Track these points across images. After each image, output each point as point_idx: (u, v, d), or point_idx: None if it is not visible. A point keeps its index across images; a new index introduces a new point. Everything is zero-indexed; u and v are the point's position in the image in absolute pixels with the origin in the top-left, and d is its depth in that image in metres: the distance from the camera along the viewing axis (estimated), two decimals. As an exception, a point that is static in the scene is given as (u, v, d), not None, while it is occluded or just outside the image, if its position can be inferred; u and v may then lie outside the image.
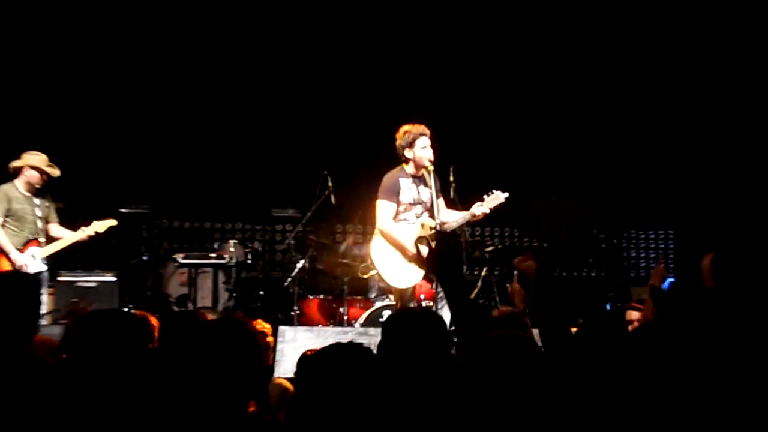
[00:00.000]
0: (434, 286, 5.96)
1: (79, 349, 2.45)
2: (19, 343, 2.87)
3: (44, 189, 6.65)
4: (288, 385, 3.82)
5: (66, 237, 6.69)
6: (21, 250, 6.47)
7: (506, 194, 5.77)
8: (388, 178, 5.81)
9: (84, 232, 6.66)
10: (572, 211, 6.53)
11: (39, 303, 3.15)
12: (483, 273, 7.39)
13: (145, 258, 8.19)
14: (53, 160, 6.60)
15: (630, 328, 5.12)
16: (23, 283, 3.20)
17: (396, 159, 5.79)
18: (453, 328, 3.09)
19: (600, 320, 3.05)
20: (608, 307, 7.32)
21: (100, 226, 6.73)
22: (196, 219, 9.17)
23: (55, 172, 6.63)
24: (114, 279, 7.63)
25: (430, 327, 2.65)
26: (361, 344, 2.19)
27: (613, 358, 2.47)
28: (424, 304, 6.53)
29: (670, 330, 2.46)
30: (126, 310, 6.75)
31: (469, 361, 2.52)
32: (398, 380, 2.31)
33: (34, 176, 6.53)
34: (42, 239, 6.60)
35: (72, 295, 7.28)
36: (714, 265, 3.29)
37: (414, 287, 5.87)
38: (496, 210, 5.82)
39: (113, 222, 6.87)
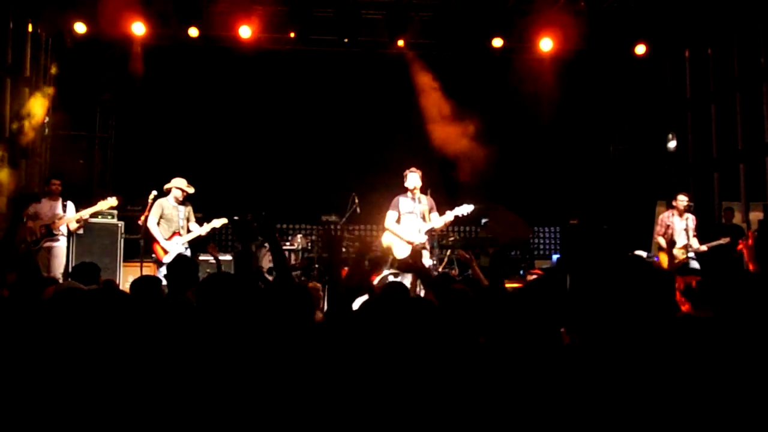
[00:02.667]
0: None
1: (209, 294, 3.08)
2: (183, 291, 4.45)
3: (188, 200, 8.84)
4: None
5: (197, 230, 8.78)
6: (168, 239, 8.58)
7: (472, 206, 8.43)
8: (395, 199, 8.58)
9: (208, 227, 8.77)
10: (516, 221, 10.08)
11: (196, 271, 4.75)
12: (448, 253, 9.95)
13: (248, 246, 11.44)
14: (192, 184, 8.85)
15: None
16: (187, 261, 5.14)
17: (402, 186, 8.65)
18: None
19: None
20: (521, 272, 10.43)
21: (216, 222, 8.85)
22: (278, 222, 12.13)
23: (191, 190, 8.74)
24: (230, 258, 10.10)
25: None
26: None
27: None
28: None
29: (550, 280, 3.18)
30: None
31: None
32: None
33: (178, 192, 8.69)
34: (183, 232, 8.69)
35: (206, 267, 9.31)
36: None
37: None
38: (464, 216, 8.55)
39: (225, 220, 8.94)
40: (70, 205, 9.01)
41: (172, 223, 8.73)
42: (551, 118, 12.47)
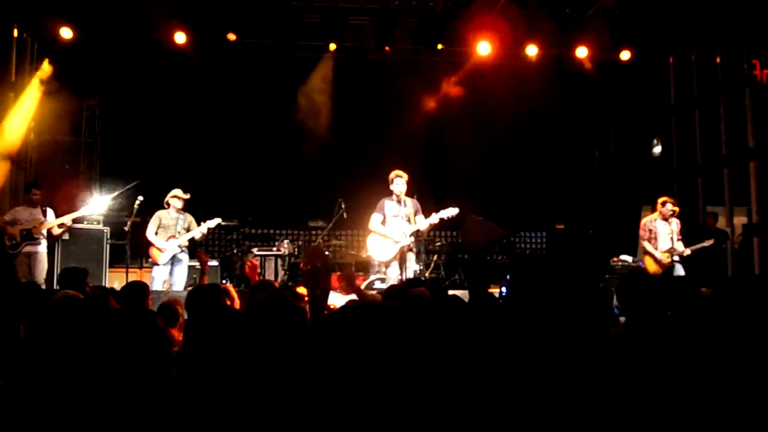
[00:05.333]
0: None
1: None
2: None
3: (186, 209, 8.99)
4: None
5: (193, 232, 8.87)
6: (165, 241, 8.79)
7: (457, 209, 8.42)
8: (381, 201, 8.60)
9: (203, 227, 8.90)
10: (491, 226, 10.11)
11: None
12: (434, 258, 10.60)
13: (235, 251, 10.78)
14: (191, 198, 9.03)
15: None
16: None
17: (388, 191, 8.60)
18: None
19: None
20: (508, 277, 10.63)
21: (211, 223, 9.00)
22: (264, 227, 12.29)
23: (186, 196, 8.95)
24: (217, 264, 10.42)
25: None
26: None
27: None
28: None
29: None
30: (222, 282, 9.56)
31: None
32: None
33: (175, 201, 8.95)
34: (178, 236, 8.85)
35: (193, 273, 9.67)
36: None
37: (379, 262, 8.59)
38: (449, 219, 8.45)
39: (219, 220, 9.10)
40: (49, 211, 8.95)
41: (169, 229, 8.90)
42: (537, 123, 12.58)
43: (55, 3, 10.62)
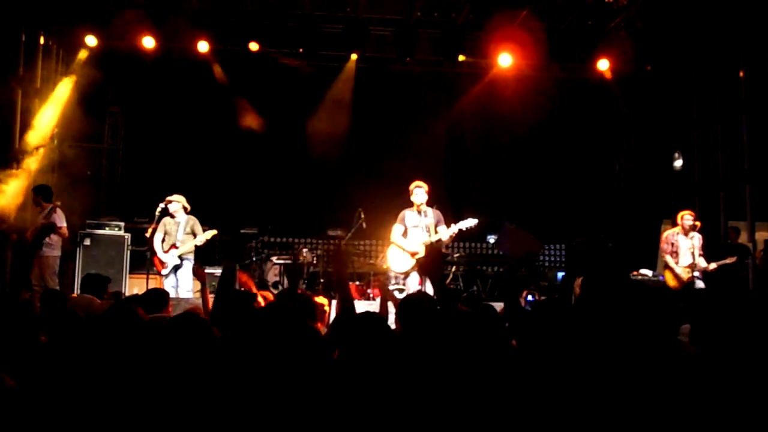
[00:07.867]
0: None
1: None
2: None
3: (209, 217, 9.09)
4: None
5: (194, 241, 8.89)
6: (166, 251, 8.93)
7: (476, 221, 8.44)
8: (401, 213, 8.60)
9: (201, 238, 8.89)
10: (527, 236, 9.98)
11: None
12: (452, 269, 10.68)
13: (254, 259, 10.85)
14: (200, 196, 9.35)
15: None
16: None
17: (408, 201, 8.64)
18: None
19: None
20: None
21: (208, 234, 8.97)
22: (284, 236, 12.33)
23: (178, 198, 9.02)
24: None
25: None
26: (375, 312, 3.64)
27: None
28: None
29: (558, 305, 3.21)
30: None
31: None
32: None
33: (170, 206, 8.95)
34: (179, 245, 8.88)
35: (211, 280, 10.67)
36: (582, 284, 4.68)
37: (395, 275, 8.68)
38: (468, 230, 8.50)
39: (215, 232, 9.08)
40: (59, 211, 8.92)
41: (171, 236, 9.02)
42: (558, 135, 12.55)
43: (81, 11, 10.72)
